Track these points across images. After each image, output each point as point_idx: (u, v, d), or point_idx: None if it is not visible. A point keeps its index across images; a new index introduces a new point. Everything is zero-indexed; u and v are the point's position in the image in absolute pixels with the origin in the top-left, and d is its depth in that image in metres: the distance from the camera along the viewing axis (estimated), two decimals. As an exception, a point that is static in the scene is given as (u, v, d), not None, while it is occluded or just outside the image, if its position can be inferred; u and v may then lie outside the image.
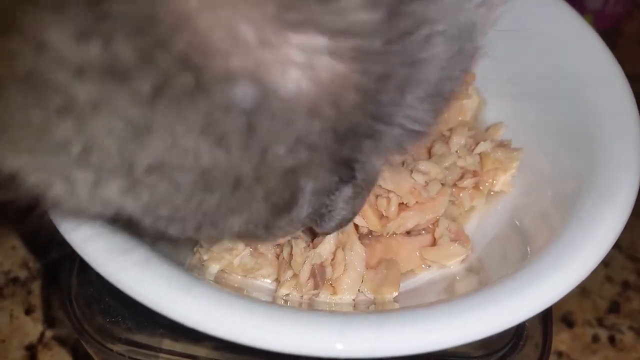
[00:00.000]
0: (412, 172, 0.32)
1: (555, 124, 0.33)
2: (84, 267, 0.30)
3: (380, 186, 0.31)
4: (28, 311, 0.44)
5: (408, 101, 0.20)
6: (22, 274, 0.45)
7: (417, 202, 0.31)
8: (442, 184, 0.32)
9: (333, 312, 0.28)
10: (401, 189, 0.31)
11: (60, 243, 0.27)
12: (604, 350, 0.43)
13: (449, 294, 0.30)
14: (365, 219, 0.31)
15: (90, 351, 0.32)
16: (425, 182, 0.32)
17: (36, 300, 0.44)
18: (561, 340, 0.43)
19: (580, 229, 0.26)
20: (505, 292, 0.25)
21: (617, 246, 0.48)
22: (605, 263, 0.47)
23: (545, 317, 0.30)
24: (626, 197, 0.27)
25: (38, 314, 0.44)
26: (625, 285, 0.46)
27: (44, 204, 0.21)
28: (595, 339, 0.44)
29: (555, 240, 0.26)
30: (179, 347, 0.30)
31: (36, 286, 0.45)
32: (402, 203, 0.31)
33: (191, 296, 0.25)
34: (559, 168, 0.31)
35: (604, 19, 0.57)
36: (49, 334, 0.43)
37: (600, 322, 0.44)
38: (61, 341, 0.43)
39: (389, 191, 0.31)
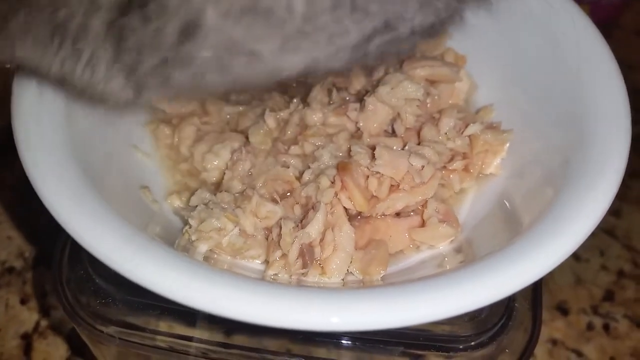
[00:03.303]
0: (410, 155, 0.32)
1: (545, 106, 0.33)
2: (76, 250, 0.30)
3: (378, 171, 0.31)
4: (23, 301, 0.44)
5: None
6: (18, 264, 0.45)
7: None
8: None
9: (326, 287, 0.28)
10: (399, 173, 0.31)
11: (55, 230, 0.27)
12: (598, 338, 0.43)
13: (437, 274, 0.30)
14: (352, 201, 0.31)
15: (82, 334, 0.32)
16: (422, 166, 0.32)
17: (31, 289, 0.44)
18: (556, 327, 0.43)
19: (570, 201, 0.27)
20: (495, 264, 0.25)
21: (613, 235, 0.48)
22: (601, 252, 0.47)
23: (535, 302, 0.30)
24: (615, 167, 0.27)
25: (33, 303, 0.44)
26: (621, 273, 0.46)
27: None
28: (590, 326, 0.44)
29: (544, 214, 0.27)
30: (171, 328, 0.30)
31: (31, 276, 0.45)
32: (393, 185, 0.31)
33: (183, 272, 0.25)
34: (548, 148, 0.31)
35: (601, 10, 0.57)
36: (44, 323, 0.43)
37: (595, 310, 0.44)
38: (56, 330, 0.43)
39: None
